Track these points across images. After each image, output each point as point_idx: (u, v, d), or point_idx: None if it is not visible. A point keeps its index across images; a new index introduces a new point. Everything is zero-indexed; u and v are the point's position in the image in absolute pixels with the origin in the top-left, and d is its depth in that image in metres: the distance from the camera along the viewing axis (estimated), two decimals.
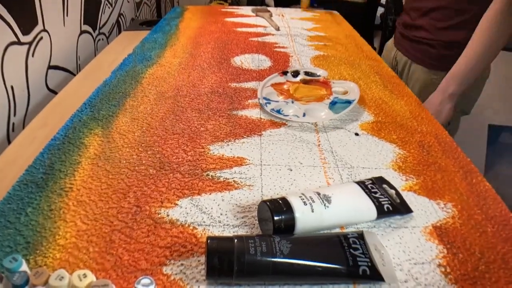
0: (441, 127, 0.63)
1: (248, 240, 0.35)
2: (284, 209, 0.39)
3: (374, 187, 0.46)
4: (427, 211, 0.45)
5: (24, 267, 0.33)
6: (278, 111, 0.64)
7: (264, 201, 0.41)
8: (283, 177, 0.50)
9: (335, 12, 1.38)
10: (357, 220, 0.43)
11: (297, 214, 0.39)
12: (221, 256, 0.34)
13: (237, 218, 0.43)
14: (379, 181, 0.48)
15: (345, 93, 0.71)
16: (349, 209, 0.43)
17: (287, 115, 0.64)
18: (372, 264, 0.35)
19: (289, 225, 0.39)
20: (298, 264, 0.35)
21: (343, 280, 0.36)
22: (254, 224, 0.42)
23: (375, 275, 0.35)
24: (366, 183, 0.46)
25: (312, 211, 0.40)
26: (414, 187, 0.49)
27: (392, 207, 0.44)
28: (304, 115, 0.64)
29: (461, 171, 0.53)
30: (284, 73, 0.77)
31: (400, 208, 0.44)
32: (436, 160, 0.55)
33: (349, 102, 0.67)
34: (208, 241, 0.35)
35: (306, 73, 0.77)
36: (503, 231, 0.43)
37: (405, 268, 0.38)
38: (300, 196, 0.41)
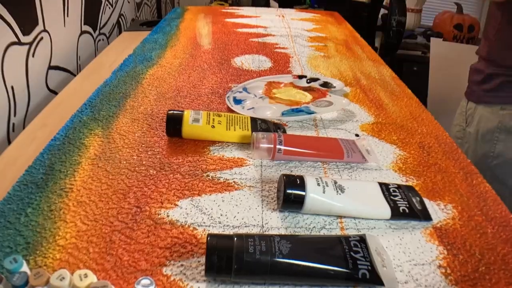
0: (442, 128, 0.63)
1: (248, 239, 0.35)
2: (298, 182, 0.43)
3: (396, 191, 0.46)
4: None
5: (25, 268, 0.33)
6: (239, 101, 0.66)
7: (283, 174, 0.45)
8: None
9: (335, 13, 1.38)
10: (368, 215, 0.44)
11: (308, 190, 0.42)
12: (220, 253, 0.34)
13: (237, 219, 0.43)
14: (407, 189, 0.47)
15: (330, 104, 0.66)
16: (361, 203, 0.44)
17: (238, 104, 0.65)
18: (373, 268, 0.35)
19: (299, 197, 0.42)
20: (297, 265, 0.35)
21: (342, 282, 0.35)
22: (254, 225, 0.42)
23: (375, 279, 0.35)
24: (390, 187, 0.46)
25: (324, 192, 0.43)
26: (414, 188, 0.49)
27: (409, 210, 0.44)
28: (251, 109, 0.64)
29: (461, 172, 0.53)
30: (300, 77, 0.76)
31: (419, 213, 0.44)
32: (436, 161, 0.55)
33: (311, 113, 0.63)
34: (208, 238, 0.35)
35: (323, 84, 0.73)
36: (503, 232, 0.43)
37: (405, 269, 0.38)
38: (316, 178, 0.44)
